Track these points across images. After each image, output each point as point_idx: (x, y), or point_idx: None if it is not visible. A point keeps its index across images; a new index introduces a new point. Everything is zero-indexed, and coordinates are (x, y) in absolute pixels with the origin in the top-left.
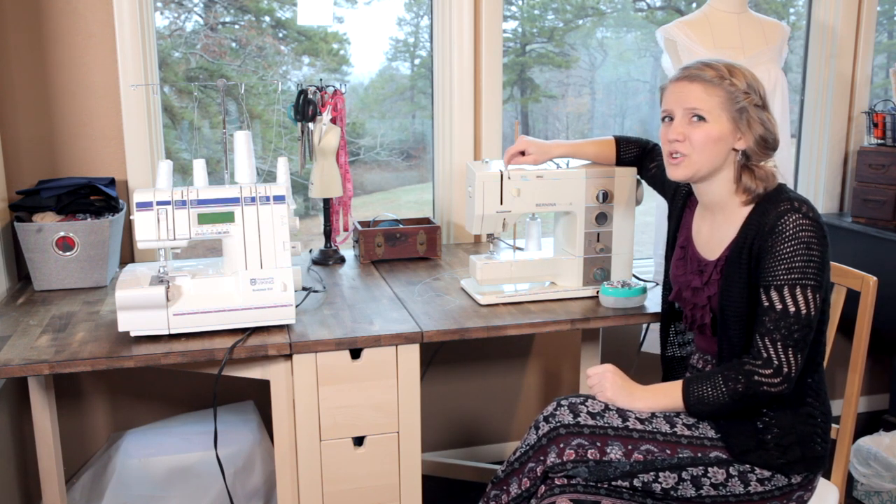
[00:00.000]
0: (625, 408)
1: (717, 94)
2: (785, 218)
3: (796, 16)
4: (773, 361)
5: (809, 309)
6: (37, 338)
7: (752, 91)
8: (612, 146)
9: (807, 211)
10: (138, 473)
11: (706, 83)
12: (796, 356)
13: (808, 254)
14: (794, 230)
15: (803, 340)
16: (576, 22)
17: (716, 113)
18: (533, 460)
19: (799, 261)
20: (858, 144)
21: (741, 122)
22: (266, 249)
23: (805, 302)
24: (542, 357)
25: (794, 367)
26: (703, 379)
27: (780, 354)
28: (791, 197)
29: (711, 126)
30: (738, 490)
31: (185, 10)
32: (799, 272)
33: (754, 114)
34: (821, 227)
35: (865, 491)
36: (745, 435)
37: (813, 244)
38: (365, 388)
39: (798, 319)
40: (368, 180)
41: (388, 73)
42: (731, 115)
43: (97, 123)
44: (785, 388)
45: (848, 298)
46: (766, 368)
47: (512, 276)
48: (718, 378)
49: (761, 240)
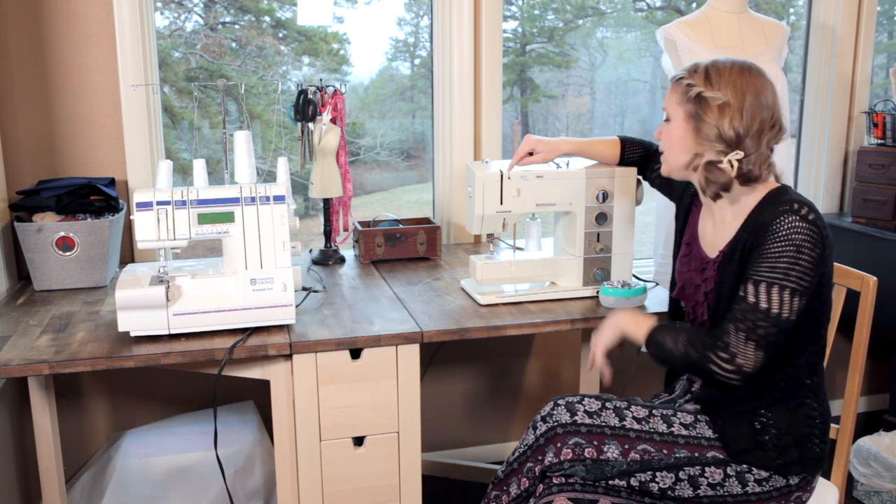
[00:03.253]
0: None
1: (676, 91)
2: (781, 218)
3: (796, 16)
4: (731, 349)
5: (782, 310)
6: (37, 338)
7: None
8: (617, 146)
9: (806, 214)
10: (138, 473)
11: (672, 85)
12: (756, 352)
13: (797, 257)
14: (788, 231)
15: (766, 338)
16: (576, 22)
17: (673, 110)
18: (531, 460)
19: (784, 262)
20: (858, 144)
21: (697, 116)
22: (266, 249)
23: (779, 303)
24: (542, 357)
25: (751, 361)
26: (672, 330)
27: (740, 345)
28: (793, 199)
29: (672, 125)
30: (736, 490)
31: (185, 10)
32: (781, 272)
33: (708, 111)
34: (819, 232)
35: (865, 491)
36: (743, 435)
37: (805, 248)
38: (365, 388)
39: (767, 317)
40: (368, 180)
41: (388, 73)
42: (686, 109)
43: (97, 123)
44: (736, 378)
45: (848, 298)
46: (723, 352)
47: (512, 276)
48: (683, 336)
49: (755, 237)
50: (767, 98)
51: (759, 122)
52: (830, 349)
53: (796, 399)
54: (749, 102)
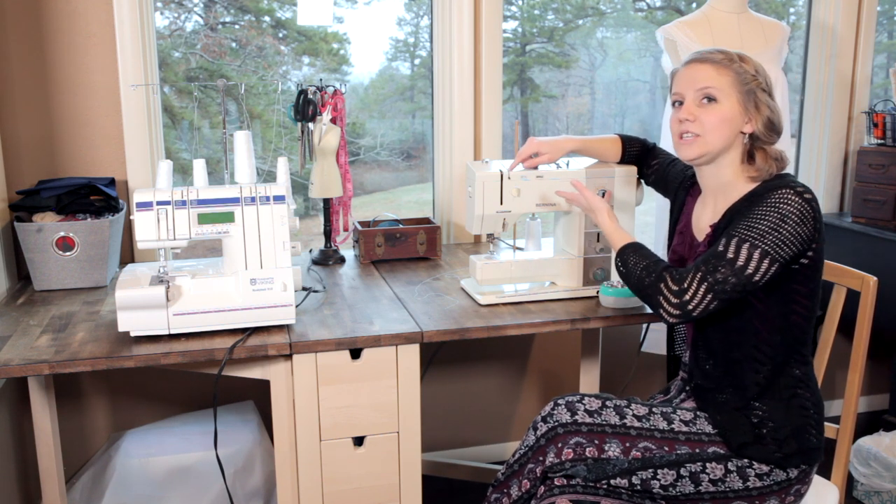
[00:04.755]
0: (597, 213)
1: (727, 74)
2: (775, 191)
3: (796, 16)
4: (683, 285)
5: (748, 266)
6: (37, 338)
7: (759, 75)
8: (619, 143)
9: (802, 191)
10: (138, 473)
11: (717, 64)
12: (706, 294)
13: (779, 224)
14: (776, 200)
15: (722, 284)
16: (576, 22)
17: (726, 92)
18: (532, 461)
19: (764, 224)
20: (858, 144)
21: (749, 103)
22: (266, 249)
23: (747, 258)
24: (542, 357)
25: (698, 302)
26: (640, 253)
27: (693, 283)
28: (791, 181)
29: (722, 106)
30: (737, 485)
31: (185, 10)
32: (757, 233)
33: (762, 97)
34: (811, 212)
35: (865, 491)
36: (742, 429)
37: (789, 218)
38: (365, 388)
39: (731, 268)
40: (368, 180)
41: (388, 73)
42: (741, 96)
43: (97, 123)
44: (677, 315)
45: (848, 298)
46: (675, 285)
47: (512, 276)
48: (644, 262)
49: (746, 206)
50: None
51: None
52: (830, 349)
53: (788, 390)
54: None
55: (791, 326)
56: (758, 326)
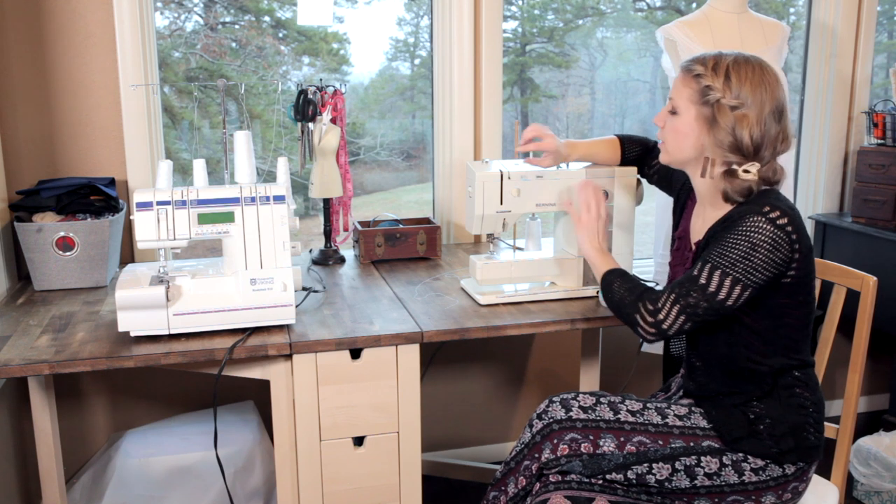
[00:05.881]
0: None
1: (689, 87)
2: (747, 217)
3: (796, 16)
4: (658, 305)
5: (719, 292)
6: (37, 338)
7: (730, 91)
8: (617, 147)
9: (775, 218)
10: (138, 473)
11: (687, 75)
12: (678, 317)
13: (749, 253)
14: (747, 229)
15: (694, 308)
16: (576, 22)
17: (684, 106)
18: (528, 458)
19: (734, 253)
20: (858, 144)
21: (711, 121)
22: (266, 249)
23: (718, 285)
24: (542, 357)
25: (671, 323)
26: (622, 276)
27: (667, 305)
28: (770, 202)
29: (679, 119)
30: (733, 480)
31: (185, 10)
32: (728, 260)
33: (725, 118)
34: (786, 237)
35: (865, 491)
36: (737, 424)
37: (760, 247)
38: (365, 388)
39: (703, 293)
40: (368, 180)
41: (388, 72)
42: (700, 111)
43: (97, 123)
44: (653, 334)
45: (848, 298)
46: (650, 305)
47: (512, 276)
48: (627, 284)
49: (722, 228)
50: (782, 101)
51: (775, 133)
52: (830, 349)
53: (787, 390)
54: (767, 111)
55: (785, 336)
56: (750, 339)
